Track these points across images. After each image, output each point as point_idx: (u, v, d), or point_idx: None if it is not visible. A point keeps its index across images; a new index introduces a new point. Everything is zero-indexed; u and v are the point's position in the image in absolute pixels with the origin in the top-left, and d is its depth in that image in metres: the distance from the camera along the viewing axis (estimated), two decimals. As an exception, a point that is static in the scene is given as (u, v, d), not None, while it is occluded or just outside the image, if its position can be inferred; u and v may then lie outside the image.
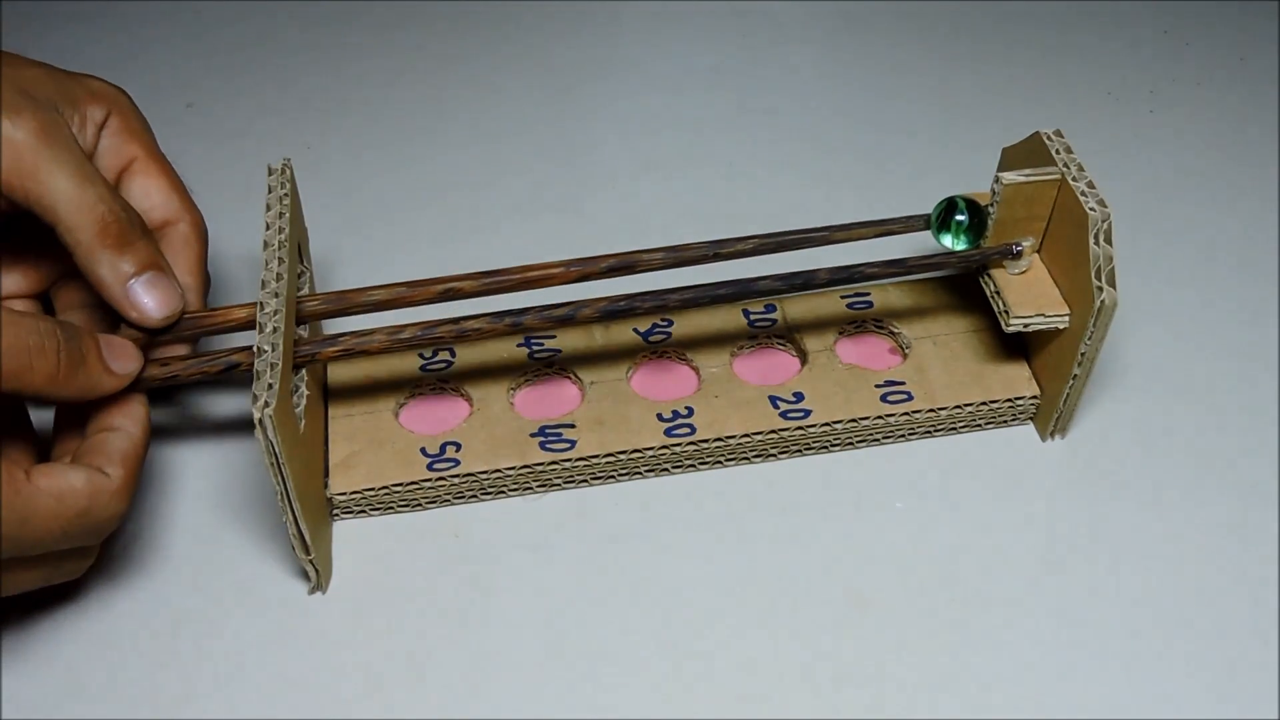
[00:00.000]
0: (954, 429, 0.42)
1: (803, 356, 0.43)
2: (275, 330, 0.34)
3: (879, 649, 0.36)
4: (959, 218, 0.40)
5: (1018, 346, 0.42)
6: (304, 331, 0.39)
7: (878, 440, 0.41)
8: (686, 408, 0.40)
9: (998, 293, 0.39)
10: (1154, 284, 0.47)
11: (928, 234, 0.41)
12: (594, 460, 0.39)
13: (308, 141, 0.54)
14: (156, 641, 0.36)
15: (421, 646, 0.36)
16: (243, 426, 0.42)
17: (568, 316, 0.38)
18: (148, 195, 0.39)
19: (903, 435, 0.41)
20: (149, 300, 0.37)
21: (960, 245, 0.40)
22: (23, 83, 0.37)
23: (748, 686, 0.35)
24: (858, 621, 0.37)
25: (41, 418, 0.37)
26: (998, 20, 0.61)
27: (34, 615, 0.37)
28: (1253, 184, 0.52)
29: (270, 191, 0.38)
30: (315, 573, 0.37)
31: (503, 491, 0.40)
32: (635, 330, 0.43)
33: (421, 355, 0.42)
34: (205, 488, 0.40)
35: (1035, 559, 0.39)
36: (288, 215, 0.37)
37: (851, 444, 0.41)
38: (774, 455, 0.41)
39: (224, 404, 0.43)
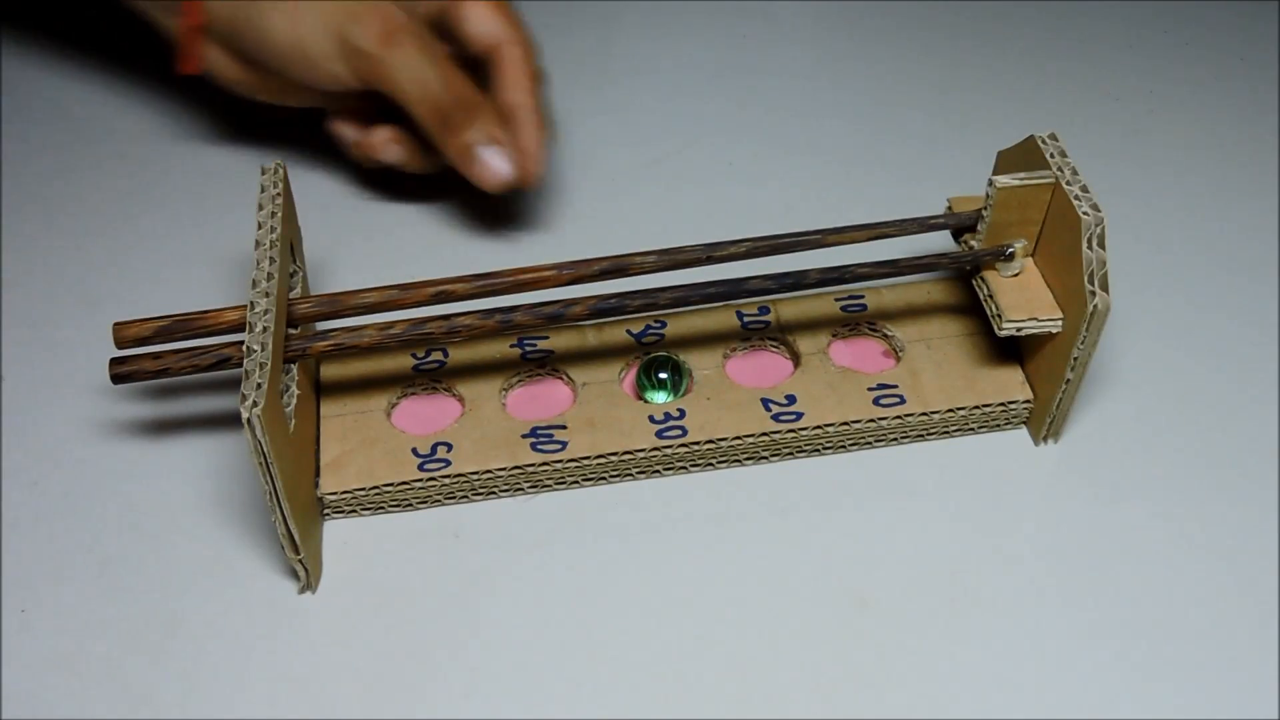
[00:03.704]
0: (947, 433, 0.41)
1: (795, 358, 0.42)
2: (265, 330, 0.34)
3: (871, 652, 0.36)
4: (661, 375, 0.41)
5: (1011, 350, 0.42)
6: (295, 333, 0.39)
7: (870, 443, 0.41)
8: (679, 409, 0.40)
9: (991, 296, 0.39)
10: (1150, 286, 0.47)
11: (921, 236, 0.41)
12: (585, 462, 0.39)
13: (306, 139, 0.54)
14: (145, 640, 0.36)
15: (411, 646, 0.36)
16: (234, 425, 0.42)
17: (557, 314, 0.38)
18: (475, 23, 0.44)
19: (895, 439, 0.41)
20: (481, 171, 0.44)
21: (661, 397, 0.41)
22: None
23: (740, 687, 0.35)
24: (850, 625, 0.37)
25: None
26: (996, 21, 0.61)
27: (28, 615, 0.37)
28: (1252, 185, 0.52)
29: (263, 191, 0.38)
30: (305, 572, 0.37)
31: (494, 492, 0.40)
32: (628, 331, 0.43)
33: (414, 355, 0.42)
34: (196, 486, 0.40)
35: (1028, 563, 0.38)
36: (279, 215, 0.38)
37: (844, 447, 0.41)
38: (766, 458, 0.41)
39: (215, 402, 0.43)
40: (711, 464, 0.41)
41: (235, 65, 0.46)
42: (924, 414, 0.41)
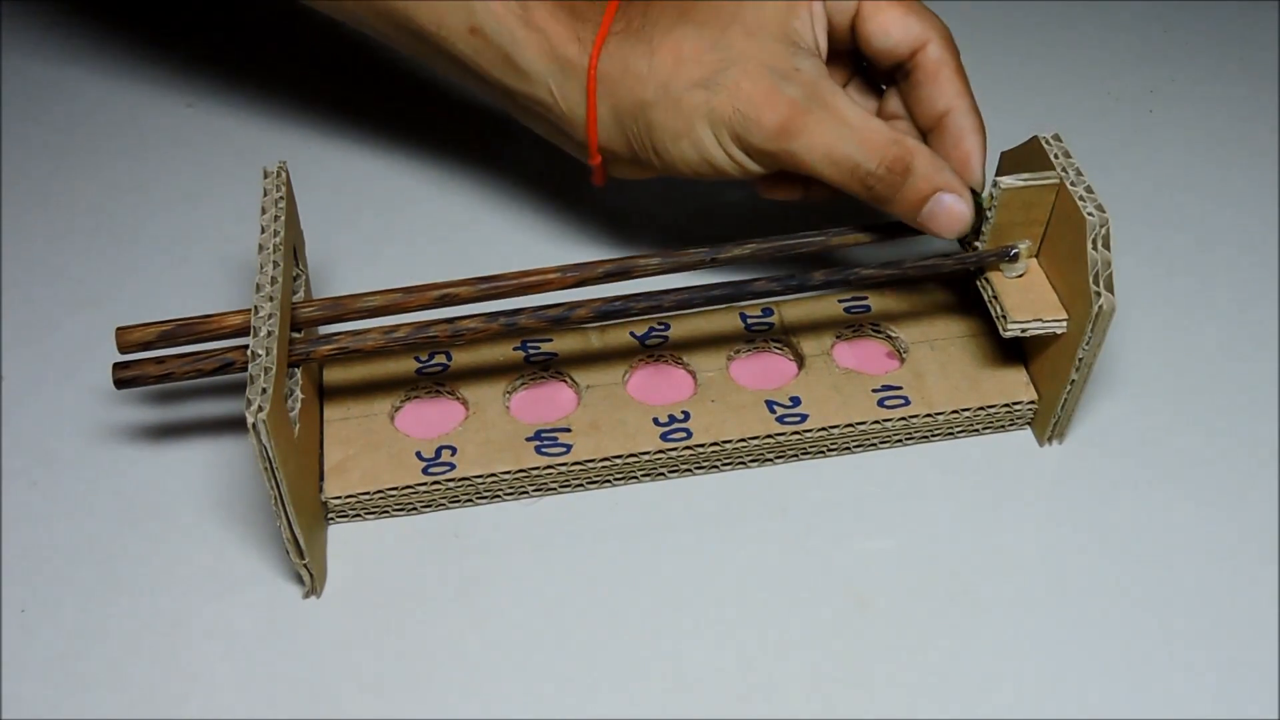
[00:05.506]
0: (951, 434, 0.41)
1: (800, 360, 0.42)
2: (269, 334, 0.34)
3: (876, 654, 0.36)
4: None
5: (1015, 351, 0.42)
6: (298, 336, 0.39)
7: (874, 445, 0.41)
8: (683, 412, 0.40)
9: (995, 297, 0.39)
10: (1152, 287, 0.47)
11: (925, 238, 0.40)
12: (590, 465, 0.39)
13: (308, 142, 0.54)
14: (147, 643, 0.36)
15: (416, 651, 0.36)
16: (237, 429, 0.42)
17: (562, 317, 0.38)
18: (886, 34, 0.39)
19: (900, 440, 0.41)
20: (938, 225, 0.39)
21: None
22: (746, 27, 0.39)
23: (744, 689, 0.35)
24: (855, 627, 0.37)
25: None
26: (997, 20, 0.61)
27: (31, 618, 0.37)
28: (1253, 185, 0.52)
29: (265, 195, 0.38)
30: (310, 577, 0.37)
31: (498, 496, 0.40)
32: (632, 334, 0.43)
33: (418, 359, 0.42)
34: (200, 491, 0.40)
35: (1033, 564, 0.38)
36: (283, 218, 0.37)
37: (848, 449, 0.41)
38: (770, 460, 0.41)
39: (219, 406, 0.43)
40: (716, 466, 0.41)
41: (648, 171, 0.43)
42: (928, 415, 0.40)
